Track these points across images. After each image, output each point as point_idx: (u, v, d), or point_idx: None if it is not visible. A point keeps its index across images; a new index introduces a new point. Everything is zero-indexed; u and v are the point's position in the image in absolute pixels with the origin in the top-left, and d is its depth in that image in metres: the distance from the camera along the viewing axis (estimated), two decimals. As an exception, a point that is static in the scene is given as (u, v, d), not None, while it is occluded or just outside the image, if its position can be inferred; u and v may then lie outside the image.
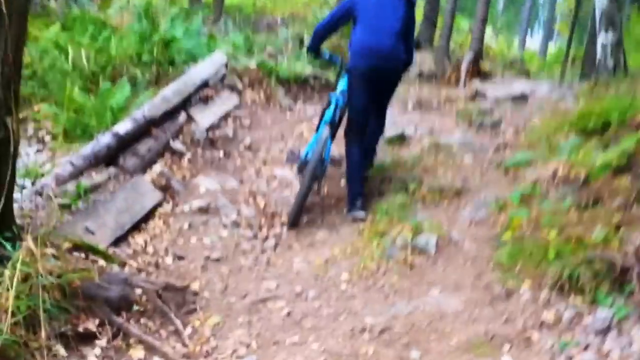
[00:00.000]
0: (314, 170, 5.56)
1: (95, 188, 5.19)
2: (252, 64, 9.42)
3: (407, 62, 5.84)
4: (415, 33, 6.88)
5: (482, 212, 5.65)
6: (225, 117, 7.85)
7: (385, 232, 5.30)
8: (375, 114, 5.98)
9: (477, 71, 13.83)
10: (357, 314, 4.27)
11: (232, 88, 8.55)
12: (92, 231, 4.54)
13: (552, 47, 24.26)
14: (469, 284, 4.57)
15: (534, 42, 28.06)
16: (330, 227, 5.92)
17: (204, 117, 7.28)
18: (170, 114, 6.62)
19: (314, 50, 5.99)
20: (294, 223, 5.76)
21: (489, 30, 17.65)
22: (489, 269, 4.74)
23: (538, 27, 31.39)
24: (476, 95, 12.35)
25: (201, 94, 7.46)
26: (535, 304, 4.16)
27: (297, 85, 10.18)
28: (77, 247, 4.05)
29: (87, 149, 5.49)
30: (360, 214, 5.68)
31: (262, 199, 6.37)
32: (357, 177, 5.82)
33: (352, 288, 4.69)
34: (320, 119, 6.04)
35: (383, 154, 7.43)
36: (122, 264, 4.34)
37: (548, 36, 26.21)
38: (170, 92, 6.76)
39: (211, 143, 7.16)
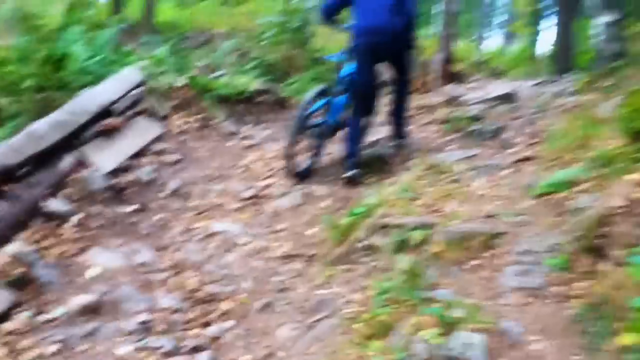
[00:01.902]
0: (299, 121, 5.55)
1: None
2: (181, 81, 7.08)
3: (408, 27, 5.60)
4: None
5: (536, 274, 3.39)
6: (140, 154, 5.51)
7: (390, 327, 3.02)
8: (400, 79, 5.89)
9: (449, 74, 11.69)
10: None
11: (153, 114, 6.21)
12: None
13: (512, 47, 22.46)
14: None
15: (489, 43, 26.27)
16: (297, 314, 3.63)
17: (105, 157, 4.93)
18: (44, 159, 4.25)
19: (328, 21, 5.88)
20: (292, 170, 5.56)
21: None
22: (597, 400, 2.47)
23: (492, 29, 29.59)
24: (453, 100, 10.23)
25: (101, 125, 5.10)
26: None
27: (243, 104, 7.87)
28: None
29: None
30: (350, 173, 5.49)
31: (193, 275, 4.06)
32: (352, 143, 5.65)
33: None
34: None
35: (363, 188, 5.22)
36: None
37: (508, 36, 24.39)
38: (45, 127, 4.43)
39: (116, 194, 4.81)
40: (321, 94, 5.68)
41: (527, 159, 5.33)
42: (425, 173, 5.15)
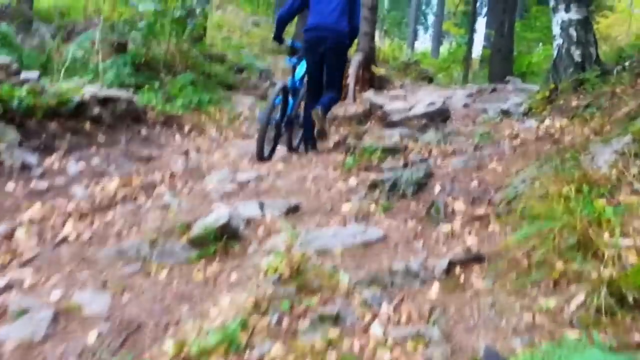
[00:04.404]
0: (268, 112, 5.28)
1: None
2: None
3: (351, 35, 5.54)
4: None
5: None
6: None
7: None
8: (327, 84, 5.55)
9: (369, 78, 9.02)
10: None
11: None
12: None
13: (444, 47, 19.97)
14: None
15: (420, 43, 23.76)
16: None
17: None
18: None
19: (278, 37, 5.77)
20: (260, 154, 5.21)
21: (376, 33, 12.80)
22: None
23: (423, 29, 27.14)
24: (370, 113, 7.64)
25: None
26: None
27: (63, 121, 5.00)
28: None
29: None
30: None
31: None
32: (308, 126, 5.62)
33: None
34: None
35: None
36: None
37: (439, 36, 21.76)
38: None
39: None
40: (281, 90, 5.48)
41: (475, 258, 2.66)
42: (279, 291, 2.43)
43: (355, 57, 8.44)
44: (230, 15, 16.95)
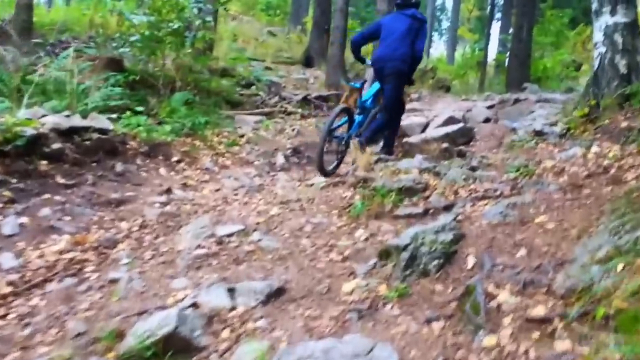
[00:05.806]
0: (326, 132, 5.09)
1: None
2: None
3: (412, 61, 5.34)
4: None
5: None
6: None
7: None
8: (383, 107, 5.45)
9: (384, 91, 7.85)
10: None
11: None
12: None
13: (459, 54, 18.65)
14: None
15: (435, 49, 22.44)
16: None
17: None
18: None
19: (357, 57, 5.86)
20: (322, 169, 5.02)
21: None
22: None
23: (437, 35, 25.78)
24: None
25: None
26: None
27: (7, 162, 3.95)
28: None
29: None
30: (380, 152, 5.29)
31: None
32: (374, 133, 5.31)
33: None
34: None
35: None
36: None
37: (454, 42, 20.41)
38: None
39: None
40: (343, 111, 5.40)
41: None
42: None
43: (370, 70, 7.28)
44: (245, 25, 15.84)
